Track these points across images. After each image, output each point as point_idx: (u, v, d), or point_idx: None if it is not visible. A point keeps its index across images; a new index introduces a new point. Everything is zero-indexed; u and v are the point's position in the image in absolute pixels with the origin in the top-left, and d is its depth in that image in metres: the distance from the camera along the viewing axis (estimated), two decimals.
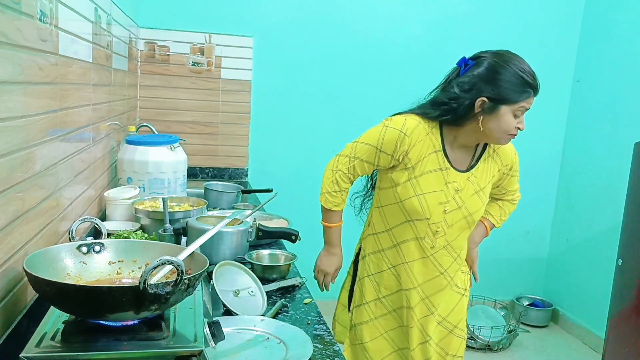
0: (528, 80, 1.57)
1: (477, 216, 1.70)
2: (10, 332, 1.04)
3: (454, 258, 1.74)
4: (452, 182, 1.64)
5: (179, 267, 0.94)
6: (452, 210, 1.64)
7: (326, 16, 3.42)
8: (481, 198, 1.69)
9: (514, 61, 1.60)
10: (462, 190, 1.65)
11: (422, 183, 1.62)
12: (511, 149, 1.75)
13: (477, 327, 3.35)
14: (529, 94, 1.59)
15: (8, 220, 1.05)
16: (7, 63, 1.01)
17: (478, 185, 1.68)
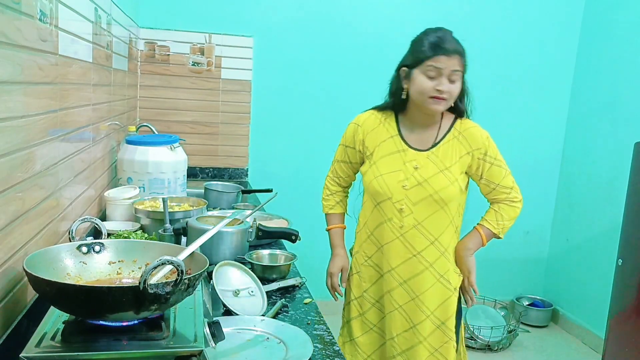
0: (432, 40, 1.66)
1: (445, 194, 1.70)
2: (10, 332, 1.04)
3: (430, 241, 1.75)
4: (410, 161, 1.74)
5: (179, 267, 0.94)
6: (413, 187, 1.71)
7: (326, 16, 3.42)
8: (447, 177, 1.71)
9: (430, 30, 1.70)
10: (421, 168, 1.72)
11: (381, 166, 1.76)
12: (479, 132, 1.76)
13: (477, 327, 3.35)
14: (434, 53, 1.64)
15: (8, 220, 1.05)
16: (7, 63, 1.01)
17: (442, 164, 1.72)
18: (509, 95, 3.78)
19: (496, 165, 1.75)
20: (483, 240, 1.79)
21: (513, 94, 3.78)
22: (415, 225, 1.73)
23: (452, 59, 1.65)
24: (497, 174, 1.76)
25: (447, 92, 1.66)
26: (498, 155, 1.76)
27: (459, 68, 1.67)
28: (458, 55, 1.67)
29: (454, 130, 1.75)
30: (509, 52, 3.71)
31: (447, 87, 1.66)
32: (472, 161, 1.74)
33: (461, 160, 1.73)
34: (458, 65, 1.67)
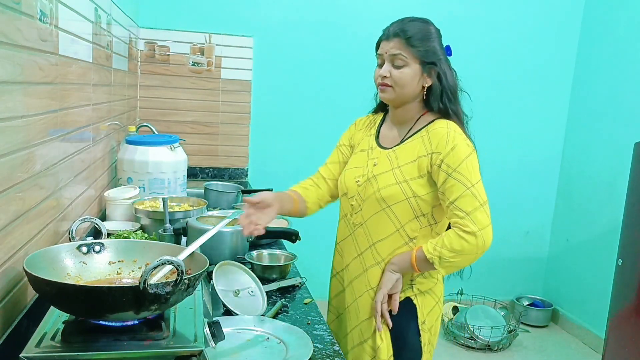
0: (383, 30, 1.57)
1: (386, 193, 1.51)
2: (10, 332, 1.04)
3: (369, 244, 1.57)
4: (373, 158, 1.61)
5: (179, 267, 0.94)
6: (364, 182, 1.58)
7: (326, 16, 3.42)
8: (395, 176, 1.52)
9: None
10: (378, 165, 1.58)
11: (351, 161, 1.68)
12: (446, 134, 1.49)
13: (477, 327, 3.35)
14: (380, 40, 1.57)
15: (8, 220, 1.05)
16: (7, 63, 1.01)
17: (396, 162, 1.54)
18: (509, 95, 3.78)
19: (455, 178, 1.44)
20: (412, 261, 1.49)
21: (513, 94, 3.78)
22: (361, 223, 1.58)
23: (390, 42, 1.52)
24: (453, 190, 1.45)
25: (390, 78, 1.52)
26: (461, 168, 1.45)
27: (398, 51, 1.50)
28: (398, 38, 1.51)
29: (423, 131, 1.54)
30: (509, 52, 3.71)
31: (387, 71, 1.52)
32: (432, 167, 1.49)
33: (418, 161, 1.51)
34: (397, 47, 1.50)
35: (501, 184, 3.86)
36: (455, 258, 1.42)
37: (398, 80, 1.51)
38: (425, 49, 1.51)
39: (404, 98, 1.55)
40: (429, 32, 1.53)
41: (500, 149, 3.81)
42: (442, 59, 1.54)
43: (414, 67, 1.51)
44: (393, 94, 1.54)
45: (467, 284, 3.84)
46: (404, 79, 1.51)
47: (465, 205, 1.42)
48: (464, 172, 1.44)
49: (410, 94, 1.54)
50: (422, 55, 1.50)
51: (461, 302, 3.73)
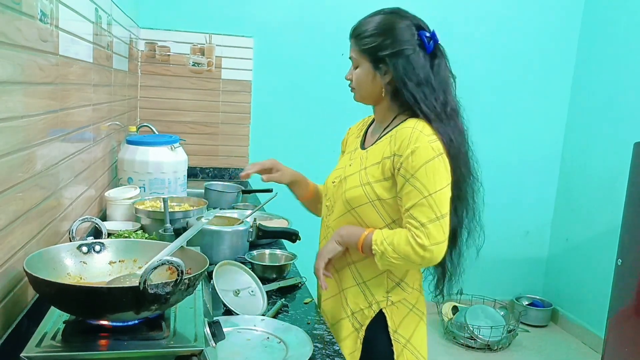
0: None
1: (350, 195, 1.45)
2: (11, 332, 1.04)
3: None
4: (352, 159, 1.55)
5: (179, 267, 0.94)
6: (337, 184, 1.53)
7: (326, 16, 3.42)
8: (360, 178, 1.45)
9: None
10: (352, 166, 1.52)
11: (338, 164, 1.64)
12: (406, 133, 1.37)
13: (477, 327, 3.36)
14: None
15: (8, 220, 1.05)
16: (8, 63, 1.02)
17: (365, 163, 1.47)
18: (508, 95, 3.78)
19: (411, 184, 1.34)
20: (359, 242, 1.41)
21: (513, 94, 3.78)
22: (333, 225, 1.53)
23: (351, 42, 1.51)
24: (410, 197, 1.35)
25: (352, 80, 1.51)
26: (419, 174, 1.33)
27: (351, 53, 1.49)
28: (353, 39, 1.50)
29: (394, 129, 1.44)
30: (509, 52, 3.71)
31: (350, 73, 1.51)
32: (394, 170, 1.39)
33: (382, 163, 1.41)
34: (351, 50, 1.50)
35: (501, 184, 3.86)
36: (397, 261, 1.35)
37: (355, 81, 1.49)
38: (373, 45, 1.42)
39: (368, 98, 1.50)
40: (385, 25, 1.42)
41: (500, 149, 3.82)
42: (397, 52, 1.40)
43: (365, 66, 1.45)
44: (358, 94, 1.51)
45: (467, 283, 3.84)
46: (358, 80, 1.47)
47: (420, 215, 1.33)
48: (421, 179, 1.33)
49: (371, 94, 1.48)
50: (369, 52, 1.43)
51: (461, 302, 3.73)
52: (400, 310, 1.49)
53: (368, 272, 1.47)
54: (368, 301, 1.47)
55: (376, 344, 1.48)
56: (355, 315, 1.49)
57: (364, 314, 1.48)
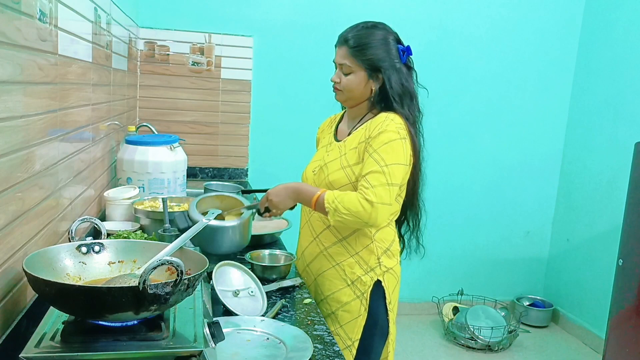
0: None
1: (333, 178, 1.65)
2: (10, 332, 1.04)
3: (326, 225, 1.69)
4: (329, 151, 1.75)
5: (179, 267, 0.94)
6: (318, 171, 1.73)
7: (326, 16, 3.41)
8: (341, 162, 1.66)
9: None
10: (329, 155, 1.73)
11: (313, 157, 1.83)
12: (380, 120, 1.61)
13: (478, 328, 3.35)
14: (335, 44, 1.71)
15: (8, 220, 1.05)
16: (7, 63, 1.01)
17: (343, 150, 1.69)
18: (509, 95, 3.78)
19: (372, 157, 1.57)
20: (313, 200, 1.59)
21: (513, 94, 3.78)
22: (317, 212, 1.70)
23: (340, 49, 1.68)
24: (367, 165, 1.57)
25: (339, 84, 1.68)
26: (381, 149, 1.56)
27: (343, 60, 1.65)
28: (344, 47, 1.66)
29: (369, 121, 1.67)
30: (509, 52, 3.71)
31: (338, 77, 1.69)
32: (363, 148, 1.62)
33: (359, 147, 1.64)
34: (342, 56, 1.66)
35: (502, 183, 3.87)
36: (348, 217, 1.53)
37: (345, 86, 1.66)
38: (369, 58, 1.62)
39: (354, 100, 1.70)
40: (373, 40, 1.63)
41: (500, 149, 3.81)
42: (387, 65, 1.63)
43: (360, 74, 1.65)
44: (343, 96, 1.70)
45: (467, 284, 3.84)
46: (350, 85, 1.66)
47: (372, 179, 1.53)
48: (381, 153, 1.55)
49: (359, 97, 1.68)
50: (367, 64, 1.63)
51: (461, 303, 3.73)
52: (391, 281, 1.72)
53: (358, 243, 1.68)
54: (364, 269, 1.68)
55: (378, 312, 1.69)
56: (355, 283, 1.68)
57: (362, 281, 1.68)
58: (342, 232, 1.69)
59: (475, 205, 3.85)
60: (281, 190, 1.66)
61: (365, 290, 1.68)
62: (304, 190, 1.64)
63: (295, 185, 1.66)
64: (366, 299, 1.68)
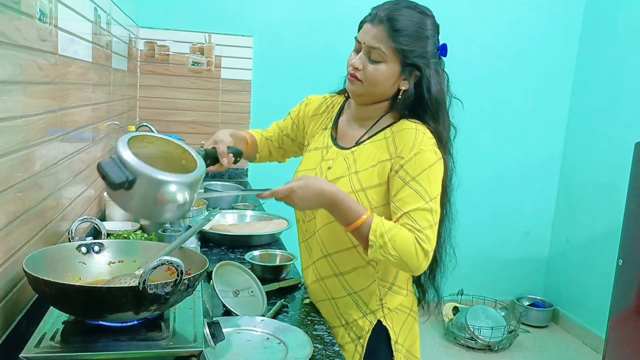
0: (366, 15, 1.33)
1: None
2: (10, 332, 1.04)
3: (323, 254, 1.41)
4: (328, 159, 1.41)
5: (179, 267, 0.94)
6: None
7: (326, 16, 3.41)
8: (352, 183, 1.32)
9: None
10: (333, 168, 1.38)
11: (303, 161, 1.51)
12: (410, 135, 1.29)
13: (478, 328, 3.35)
14: (364, 20, 1.34)
15: (8, 220, 1.05)
16: (7, 63, 1.01)
17: (354, 167, 1.34)
18: (509, 96, 3.78)
19: (412, 187, 1.25)
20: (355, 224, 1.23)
21: (513, 94, 3.78)
22: (315, 232, 1.42)
23: (373, 28, 1.28)
24: (409, 201, 1.25)
25: (362, 72, 1.31)
26: (422, 178, 1.26)
27: (378, 44, 1.27)
28: (382, 26, 1.27)
29: (387, 131, 1.35)
30: (509, 52, 3.71)
31: (361, 63, 1.31)
32: (391, 171, 1.30)
33: (380, 166, 1.31)
34: (377, 39, 1.27)
35: (501, 184, 3.87)
36: (393, 259, 1.22)
37: (370, 76, 1.30)
38: (411, 49, 1.27)
39: (373, 96, 1.35)
40: (424, 28, 1.29)
41: (500, 149, 3.81)
42: (430, 63, 1.30)
43: (392, 67, 1.29)
44: (362, 88, 1.33)
45: (467, 284, 3.84)
46: (377, 77, 1.30)
47: (421, 219, 1.23)
48: (423, 183, 1.25)
49: (381, 94, 1.34)
50: (406, 55, 1.27)
51: (461, 303, 3.73)
52: (399, 317, 1.43)
53: (357, 283, 1.39)
54: (362, 311, 1.40)
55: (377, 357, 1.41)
56: (350, 325, 1.42)
57: (359, 325, 1.41)
58: (340, 266, 1.39)
59: (475, 205, 3.85)
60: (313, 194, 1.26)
61: (363, 335, 1.40)
62: (344, 206, 1.25)
63: (334, 196, 1.25)
64: (362, 345, 1.40)
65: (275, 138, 1.71)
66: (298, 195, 1.25)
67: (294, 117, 1.65)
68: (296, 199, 1.26)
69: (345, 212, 1.25)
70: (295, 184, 1.26)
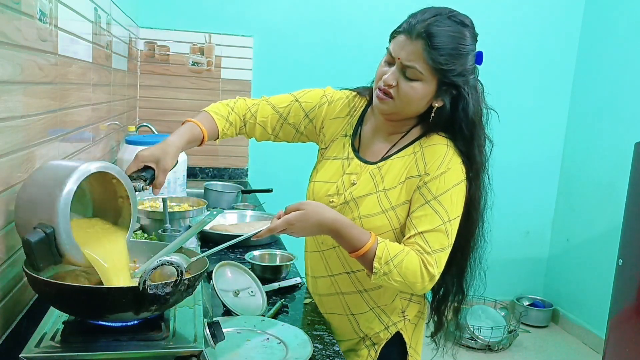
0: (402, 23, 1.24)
1: (371, 224, 1.27)
2: (10, 332, 1.04)
3: (346, 271, 1.37)
4: (350, 173, 1.34)
5: (179, 267, 0.94)
6: (339, 205, 1.33)
7: (326, 16, 3.42)
8: (381, 202, 1.27)
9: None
10: (357, 185, 1.32)
11: (322, 169, 1.41)
12: (441, 152, 1.25)
13: (477, 327, 3.35)
14: (397, 31, 1.24)
15: (8, 220, 1.05)
16: (7, 63, 1.01)
17: (382, 184, 1.29)
18: (509, 95, 3.77)
19: (432, 207, 1.22)
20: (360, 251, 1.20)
21: (513, 94, 3.78)
22: (334, 245, 1.35)
23: (410, 43, 1.18)
24: (426, 220, 1.21)
25: (395, 88, 1.22)
26: (444, 198, 1.22)
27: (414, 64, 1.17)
28: (421, 42, 1.16)
29: (416, 145, 1.29)
30: (509, 52, 3.71)
31: (395, 79, 1.21)
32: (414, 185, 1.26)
33: (408, 182, 1.27)
34: (415, 57, 1.17)
35: (501, 184, 3.83)
36: (398, 284, 1.20)
37: (404, 95, 1.22)
38: (451, 68, 1.19)
39: (403, 114, 1.29)
40: (463, 43, 1.21)
41: (500, 149, 3.75)
42: (469, 80, 1.23)
43: (429, 85, 1.21)
44: (393, 107, 1.25)
45: None
46: (412, 96, 1.22)
47: (434, 241, 1.20)
48: (445, 203, 1.22)
49: (412, 113, 1.28)
50: (444, 74, 1.20)
51: None
52: (412, 325, 1.45)
53: (383, 298, 1.37)
54: (384, 324, 1.39)
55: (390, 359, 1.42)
56: (371, 337, 1.41)
57: (379, 337, 1.41)
58: (364, 283, 1.35)
59: None
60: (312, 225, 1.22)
61: (379, 342, 1.41)
62: (346, 233, 1.21)
63: (335, 225, 1.21)
64: (376, 351, 1.40)
65: (272, 124, 1.46)
66: (297, 227, 1.22)
67: (307, 110, 1.44)
68: (295, 231, 1.23)
69: (348, 239, 1.22)
70: (293, 217, 1.21)
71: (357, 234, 1.21)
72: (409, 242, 1.23)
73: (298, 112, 1.45)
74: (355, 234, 1.21)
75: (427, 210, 1.22)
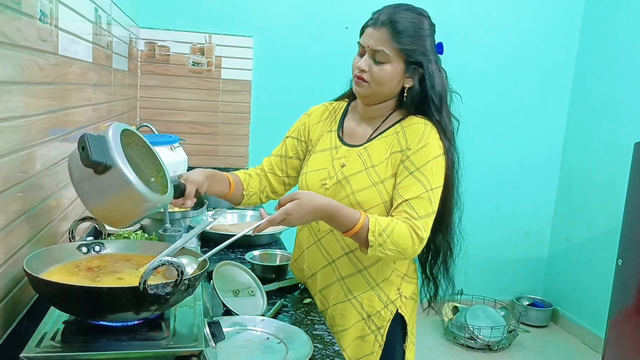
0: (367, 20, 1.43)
1: (363, 197, 1.40)
2: (10, 332, 1.04)
3: (344, 252, 1.46)
4: (339, 158, 1.48)
5: (179, 267, 0.94)
6: (332, 185, 1.45)
7: (326, 16, 3.42)
8: (370, 176, 1.41)
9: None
10: (347, 165, 1.45)
11: (311, 162, 1.54)
12: (419, 129, 1.40)
13: (477, 327, 3.35)
14: (366, 25, 1.43)
15: (8, 220, 1.05)
16: (7, 63, 1.01)
17: (370, 161, 1.43)
18: (509, 95, 3.78)
19: (415, 177, 1.36)
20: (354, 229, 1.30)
21: (513, 94, 3.78)
22: (331, 229, 1.45)
23: (375, 32, 1.37)
24: (410, 189, 1.35)
25: (368, 73, 1.40)
26: (425, 169, 1.36)
27: (381, 47, 1.36)
28: (385, 29, 1.36)
29: (397, 126, 1.45)
30: (509, 52, 3.71)
31: (367, 65, 1.39)
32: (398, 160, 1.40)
33: (392, 157, 1.41)
34: (381, 42, 1.36)
35: (501, 184, 3.87)
36: (392, 252, 1.31)
37: (376, 77, 1.39)
38: (413, 48, 1.37)
39: (379, 96, 1.45)
40: (422, 28, 1.39)
41: (500, 149, 3.81)
42: (431, 59, 1.40)
43: (397, 66, 1.38)
44: (369, 90, 1.43)
45: (467, 284, 3.84)
46: (383, 77, 1.39)
47: (419, 207, 1.34)
48: (426, 173, 1.36)
49: (387, 93, 1.44)
50: (408, 54, 1.37)
51: (461, 302, 3.73)
52: (410, 304, 1.54)
53: (380, 275, 1.48)
54: (383, 302, 1.49)
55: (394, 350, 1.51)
56: (372, 317, 1.49)
57: (381, 316, 1.49)
58: (363, 261, 1.45)
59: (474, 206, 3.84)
60: (307, 211, 1.31)
61: (383, 325, 1.49)
62: (340, 215, 1.32)
63: (328, 208, 1.32)
64: (382, 335, 1.49)
65: (278, 166, 1.65)
66: (294, 216, 1.30)
67: (295, 135, 1.63)
68: (293, 220, 1.31)
69: (342, 220, 1.32)
70: (289, 207, 1.29)
71: (349, 214, 1.33)
72: (397, 211, 1.36)
73: (292, 143, 1.64)
74: (348, 214, 1.32)
75: (411, 180, 1.36)
